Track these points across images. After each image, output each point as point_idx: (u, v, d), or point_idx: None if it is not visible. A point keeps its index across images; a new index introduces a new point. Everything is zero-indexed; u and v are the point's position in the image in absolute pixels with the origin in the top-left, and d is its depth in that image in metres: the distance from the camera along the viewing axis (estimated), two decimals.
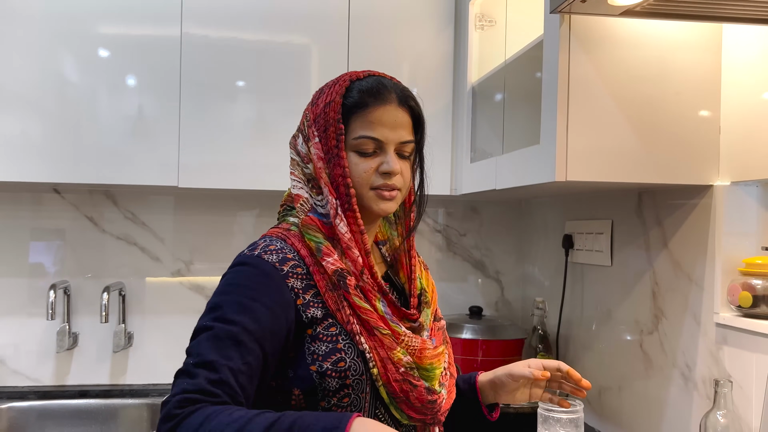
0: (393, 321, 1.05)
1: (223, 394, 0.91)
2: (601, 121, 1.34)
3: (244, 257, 1.04)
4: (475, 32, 1.99)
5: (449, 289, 2.43)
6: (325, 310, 1.02)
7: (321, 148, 1.07)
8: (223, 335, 0.94)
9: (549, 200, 2.20)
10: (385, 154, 1.07)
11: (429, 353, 1.06)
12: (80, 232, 2.23)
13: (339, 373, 1.00)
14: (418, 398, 1.03)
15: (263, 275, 1.00)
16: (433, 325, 1.14)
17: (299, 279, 1.02)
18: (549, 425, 1.26)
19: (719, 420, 1.27)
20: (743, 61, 1.34)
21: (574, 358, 1.97)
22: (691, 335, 1.47)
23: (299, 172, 1.11)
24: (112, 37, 1.92)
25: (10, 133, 1.87)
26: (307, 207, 1.09)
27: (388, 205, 1.08)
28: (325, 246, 1.04)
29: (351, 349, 1.01)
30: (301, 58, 2.01)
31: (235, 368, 0.93)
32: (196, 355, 0.93)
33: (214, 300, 0.99)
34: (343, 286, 1.02)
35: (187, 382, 0.91)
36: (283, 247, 1.04)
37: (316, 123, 1.08)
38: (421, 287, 1.16)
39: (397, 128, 1.07)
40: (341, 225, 1.05)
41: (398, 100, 1.08)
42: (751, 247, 1.36)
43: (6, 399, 2.08)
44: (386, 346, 1.02)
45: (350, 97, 1.07)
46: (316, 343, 1.01)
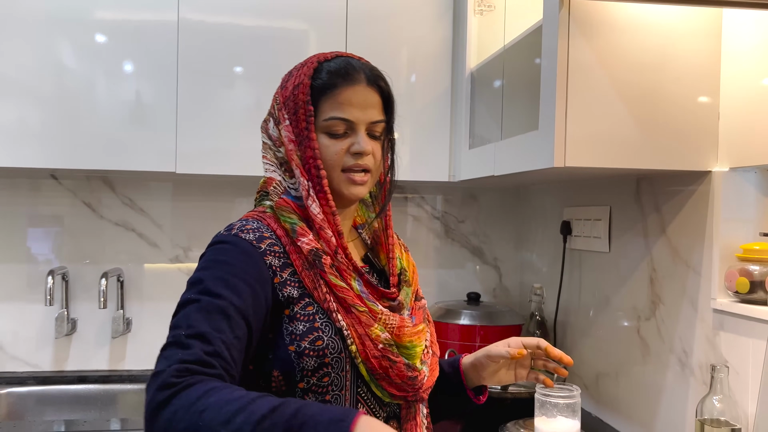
0: (369, 299, 1.05)
1: (219, 366, 0.90)
2: (600, 107, 1.33)
3: (221, 236, 1.04)
4: (474, 17, 1.98)
5: (447, 276, 2.44)
6: (302, 289, 1.02)
7: (291, 130, 1.07)
8: (212, 308, 0.94)
9: (547, 187, 2.20)
10: (355, 135, 1.07)
11: (408, 331, 1.06)
12: (78, 218, 2.22)
13: (317, 352, 1.00)
14: (398, 375, 1.03)
15: (242, 253, 1.00)
16: (414, 304, 1.15)
17: (276, 257, 1.02)
18: (546, 410, 1.27)
19: (715, 405, 1.28)
20: (743, 48, 1.33)
21: (572, 344, 1.98)
22: (688, 321, 1.47)
23: (271, 156, 1.11)
24: (109, 23, 1.91)
25: (8, 119, 1.86)
26: (280, 189, 1.09)
27: (358, 189, 1.08)
28: (299, 226, 1.04)
29: (328, 327, 1.01)
30: (299, 44, 2.00)
31: (227, 341, 0.92)
32: (187, 326, 0.91)
33: (196, 275, 0.99)
34: (319, 265, 1.02)
35: (182, 352, 0.89)
36: (260, 227, 1.05)
37: (286, 106, 1.08)
38: (401, 267, 1.16)
39: (367, 108, 1.07)
40: (314, 206, 1.05)
41: (367, 79, 1.08)
42: (749, 233, 1.37)
43: (5, 384, 2.08)
44: (363, 323, 1.02)
45: (319, 79, 1.07)
46: (294, 323, 1.01)
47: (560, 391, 1.26)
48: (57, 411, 2.09)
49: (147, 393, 0.87)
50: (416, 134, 2.06)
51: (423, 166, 2.07)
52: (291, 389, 1.01)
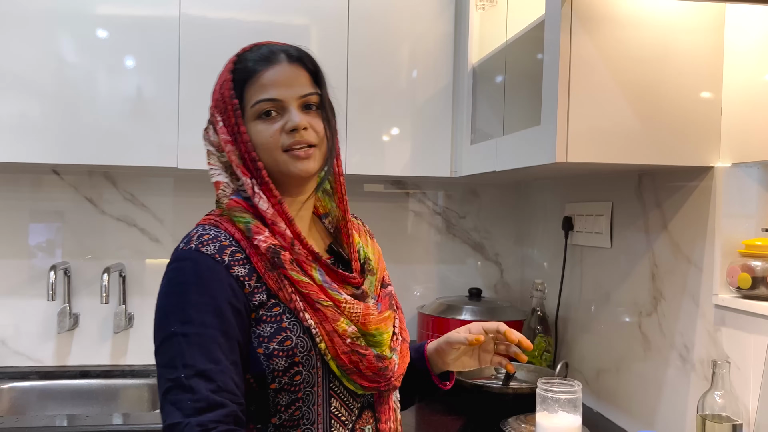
0: (332, 289, 1.03)
1: (228, 401, 0.91)
2: (603, 102, 1.33)
3: (181, 253, 1.01)
4: (475, 12, 1.97)
5: (448, 271, 2.44)
6: (268, 291, 1.00)
7: (226, 130, 1.05)
8: (202, 340, 0.93)
9: (549, 182, 2.20)
10: (288, 113, 1.03)
11: (374, 318, 1.05)
12: (80, 213, 2.22)
13: (286, 352, 0.99)
14: (368, 367, 1.03)
15: (207, 270, 0.98)
16: (381, 291, 1.13)
17: (241, 265, 1.00)
18: (547, 405, 1.27)
19: (717, 400, 1.28)
20: (745, 43, 1.33)
21: (573, 340, 1.98)
22: (689, 317, 1.47)
23: (215, 161, 1.09)
24: (110, 18, 1.90)
25: (9, 114, 1.86)
26: (228, 191, 1.06)
27: (305, 164, 1.04)
28: (254, 224, 1.02)
29: (296, 327, 1.00)
30: (301, 40, 1.96)
31: (226, 370, 0.93)
32: (184, 366, 0.91)
33: (171, 301, 0.97)
34: (279, 262, 1.00)
35: (191, 398, 0.90)
36: (218, 235, 1.02)
37: (217, 107, 1.06)
38: (365, 256, 1.14)
39: (293, 84, 1.04)
40: (261, 202, 1.02)
41: (288, 57, 1.05)
42: (750, 228, 1.36)
43: (8, 379, 2.09)
44: (330, 319, 1.01)
45: (238, 71, 1.05)
46: (261, 326, 0.99)
47: (561, 386, 1.26)
48: (59, 406, 2.09)
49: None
50: (418, 130, 2.06)
51: (424, 161, 2.07)
52: (264, 391, 1.00)
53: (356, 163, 2.02)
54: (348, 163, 2.01)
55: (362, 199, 2.37)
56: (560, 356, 2.03)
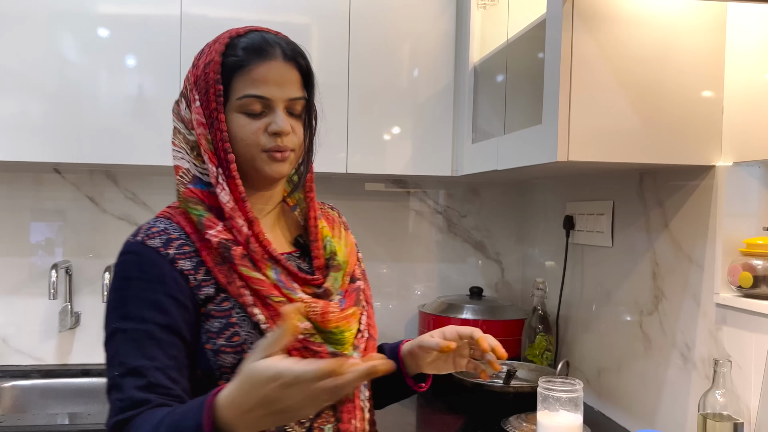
0: (287, 288, 0.99)
1: (156, 396, 0.90)
2: (604, 101, 1.33)
3: (127, 245, 1.00)
4: (477, 11, 1.97)
5: (449, 271, 2.44)
6: (217, 285, 0.98)
7: (202, 112, 1.00)
8: (139, 335, 0.92)
9: (550, 181, 2.20)
10: (273, 114, 1.00)
11: (334, 316, 1.00)
12: (81, 212, 2.23)
13: (234, 348, 0.96)
14: None
15: (151, 264, 0.96)
16: (348, 287, 1.09)
17: (188, 259, 0.98)
18: (549, 404, 1.27)
19: (718, 399, 1.28)
20: (747, 42, 1.33)
21: (574, 339, 1.98)
22: (690, 315, 1.47)
23: (181, 141, 1.05)
24: (112, 17, 1.91)
25: (11, 113, 1.86)
26: (187, 178, 1.03)
27: (280, 166, 1.02)
28: (206, 218, 0.99)
29: (245, 322, 0.97)
30: (302, 39, 1.96)
31: (162, 366, 0.92)
32: (119, 364, 0.92)
33: (115, 297, 0.97)
34: (229, 257, 0.97)
35: (118, 398, 0.90)
36: (167, 228, 1.00)
37: (197, 86, 1.01)
38: (331, 250, 1.09)
39: (285, 84, 1.00)
40: (222, 194, 0.99)
41: (284, 54, 1.01)
42: (752, 227, 1.36)
43: (9, 378, 2.09)
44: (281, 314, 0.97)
45: (230, 56, 1.00)
46: (210, 321, 0.97)
47: (563, 385, 1.27)
48: (61, 404, 2.09)
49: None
50: (419, 129, 2.06)
51: (425, 160, 2.07)
52: (213, 386, 0.93)
53: (357, 162, 2.02)
54: (349, 162, 2.01)
55: (363, 198, 2.37)
56: (561, 355, 2.03)
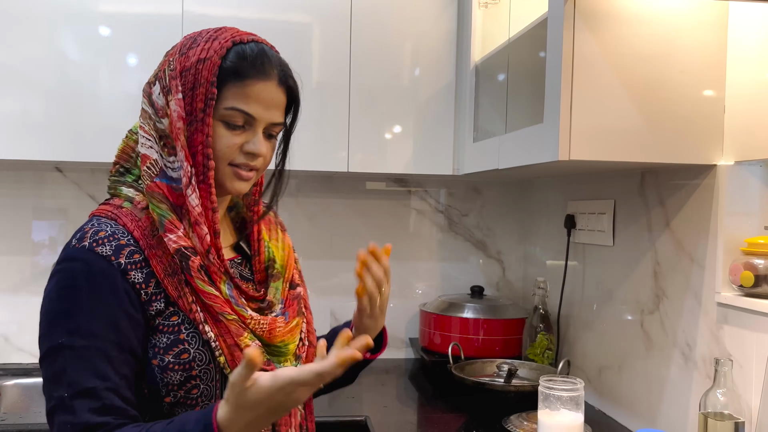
0: (238, 305, 0.97)
1: (113, 418, 0.87)
2: (605, 99, 1.33)
3: (72, 251, 0.92)
4: (478, 10, 1.97)
5: (451, 269, 2.44)
6: (166, 298, 0.94)
7: (183, 106, 0.96)
8: (90, 353, 0.88)
9: (551, 180, 2.20)
10: (253, 133, 0.99)
11: (280, 331, 1.01)
12: (83, 210, 2.21)
13: (182, 366, 0.93)
14: None
15: (101, 274, 0.91)
16: (288, 294, 1.08)
17: (138, 269, 0.93)
18: (550, 402, 1.27)
19: (719, 398, 1.28)
20: (749, 40, 1.33)
21: (575, 338, 1.98)
22: (692, 315, 1.47)
23: (150, 127, 1.00)
24: (113, 15, 1.91)
25: (12, 112, 1.87)
26: (154, 171, 0.98)
27: (242, 185, 1.01)
28: (168, 220, 0.95)
29: (195, 339, 0.94)
30: (303, 38, 1.99)
31: (114, 387, 0.88)
32: (68, 384, 0.86)
33: (58, 308, 0.90)
34: (185, 268, 0.94)
35: (71, 421, 0.85)
36: (115, 231, 0.94)
37: (183, 77, 0.97)
38: (270, 257, 1.08)
39: (272, 108, 1.00)
40: (193, 197, 0.95)
41: (278, 77, 1.01)
42: (753, 226, 1.36)
43: (11, 376, 2.09)
44: (233, 333, 0.96)
45: (229, 61, 0.97)
46: (157, 336, 0.93)
47: (564, 384, 1.27)
48: None
49: None
50: (420, 127, 2.06)
51: (427, 159, 2.07)
52: (158, 404, 0.95)
53: (358, 161, 2.02)
54: (350, 161, 2.01)
55: (364, 197, 2.38)
56: (562, 354, 2.03)
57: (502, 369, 1.84)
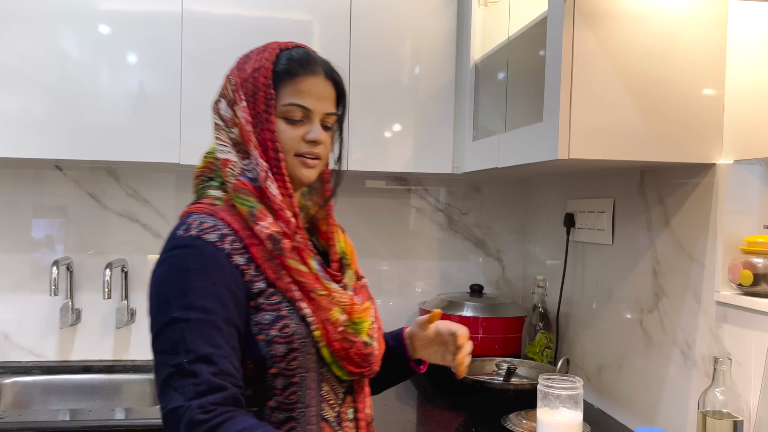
0: (326, 278, 1.09)
1: (230, 384, 0.95)
2: (605, 98, 1.33)
3: (182, 239, 1.03)
4: (478, 9, 1.97)
5: (450, 268, 2.44)
6: (266, 280, 1.04)
7: (249, 112, 1.09)
8: (204, 325, 0.96)
9: (551, 179, 2.20)
10: (311, 123, 1.11)
11: (357, 308, 1.11)
12: (82, 208, 2.23)
13: (286, 338, 1.03)
14: (357, 353, 1.08)
15: (209, 258, 1.01)
16: (356, 284, 1.19)
17: (239, 254, 1.04)
18: (549, 401, 1.27)
19: (718, 397, 1.28)
20: (749, 39, 1.33)
21: (574, 336, 1.98)
22: (691, 313, 1.47)
23: (224, 137, 1.12)
24: (113, 13, 1.91)
25: (12, 110, 1.87)
26: (236, 171, 1.09)
27: (310, 172, 1.12)
28: (258, 210, 1.06)
29: (294, 315, 1.04)
30: (303, 35, 1.99)
31: (226, 355, 0.97)
32: (186, 351, 0.94)
33: (172, 288, 0.99)
34: (278, 249, 1.04)
35: (193, 382, 0.93)
36: (216, 224, 1.05)
37: (244, 87, 1.10)
38: (341, 252, 1.19)
39: (323, 99, 1.12)
40: (272, 187, 1.07)
41: (325, 72, 1.13)
42: (752, 225, 1.36)
43: (10, 374, 2.09)
44: (324, 308, 1.06)
45: (280, 64, 1.10)
46: (260, 314, 1.03)
47: (563, 382, 1.27)
48: (62, 400, 2.10)
49: (173, 431, 0.92)
50: (420, 126, 2.06)
51: (426, 157, 2.07)
52: (262, 375, 1.04)
53: (358, 160, 2.02)
54: (350, 160, 2.01)
55: (364, 195, 2.38)
56: (561, 353, 2.03)
57: (501, 367, 1.84)
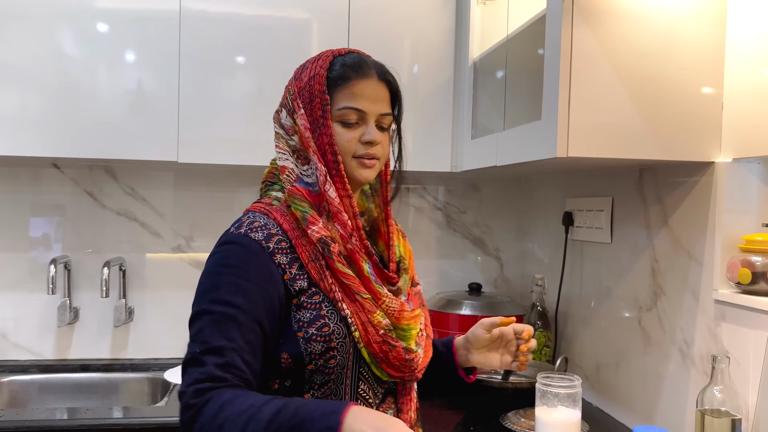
0: (377, 282, 1.11)
1: (232, 376, 0.99)
2: (603, 96, 1.33)
3: (231, 236, 1.09)
4: (477, 7, 1.97)
5: (449, 266, 2.44)
6: (309, 280, 1.08)
7: (307, 119, 1.12)
8: (223, 318, 1.01)
9: (549, 177, 2.20)
10: (366, 125, 1.13)
11: (407, 315, 1.13)
12: (80, 207, 2.22)
13: (324, 337, 1.06)
14: (396, 357, 1.11)
15: (252, 254, 1.06)
16: (411, 290, 1.21)
17: (284, 254, 1.08)
18: (547, 399, 1.27)
19: (716, 395, 1.28)
20: (747, 37, 1.33)
21: (573, 335, 1.98)
22: (689, 312, 1.47)
23: (284, 144, 1.16)
24: (111, 12, 1.90)
25: (10, 108, 1.86)
26: (293, 177, 1.13)
27: (368, 172, 1.15)
28: (310, 215, 1.09)
29: (334, 315, 1.08)
30: (301, 34, 1.99)
31: (238, 348, 1.01)
32: (201, 342, 1.01)
33: (209, 281, 1.06)
34: (327, 253, 1.08)
35: (198, 371, 0.99)
36: (267, 223, 1.09)
37: (301, 95, 1.13)
38: (399, 255, 1.22)
39: (377, 101, 1.14)
40: (331, 190, 1.10)
41: (378, 75, 1.15)
42: (751, 224, 1.36)
43: (8, 373, 2.09)
44: (366, 310, 1.09)
45: (334, 71, 1.13)
46: (301, 312, 1.07)
47: (561, 380, 1.27)
48: (59, 399, 2.09)
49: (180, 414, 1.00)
50: (418, 124, 2.06)
51: (425, 156, 2.06)
52: (300, 370, 1.07)
53: None
54: None
55: None
56: (560, 351, 2.03)
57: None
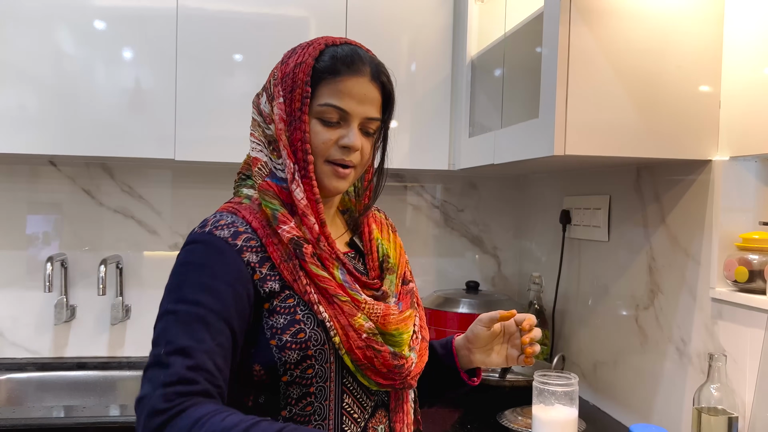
0: (352, 289, 1.01)
1: (203, 379, 0.88)
2: (601, 94, 1.33)
3: (194, 235, 1.00)
4: (474, 5, 1.97)
5: (446, 264, 2.44)
6: (282, 282, 0.99)
7: (284, 109, 1.02)
8: (190, 318, 0.91)
9: (547, 176, 2.20)
10: (348, 127, 1.02)
11: (394, 318, 1.03)
12: (77, 204, 2.22)
13: (299, 344, 0.97)
14: (383, 363, 1.00)
15: (217, 252, 0.97)
16: (401, 289, 1.11)
17: (253, 252, 0.99)
18: (544, 398, 1.27)
19: (713, 393, 1.28)
20: (745, 35, 1.33)
21: (570, 333, 1.98)
22: (686, 310, 1.47)
23: (260, 134, 1.06)
24: (108, 10, 1.90)
25: (7, 105, 1.86)
26: (265, 171, 1.04)
27: (340, 183, 1.04)
28: (281, 213, 1.00)
29: (310, 320, 0.98)
30: (299, 31, 1.99)
31: (209, 350, 0.90)
32: (166, 343, 0.90)
33: (172, 281, 0.96)
34: (299, 254, 0.99)
35: (163, 373, 0.87)
36: (234, 221, 1.01)
37: (283, 82, 1.02)
38: (383, 253, 1.12)
39: (366, 103, 1.03)
40: (297, 191, 1.01)
41: (371, 74, 1.03)
42: (748, 222, 1.37)
43: (5, 371, 2.09)
44: (346, 313, 0.99)
45: (322, 61, 1.01)
46: (274, 317, 0.98)
47: (558, 379, 1.27)
48: (56, 397, 2.09)
49: (137, 420, 0.87)
50: (416, 122, 2.05)
51: (423, 154, 2.06)
52: (274, 382, 0.99)
53: None
54: None
55: None
56: (557, 349, 2.03)
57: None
